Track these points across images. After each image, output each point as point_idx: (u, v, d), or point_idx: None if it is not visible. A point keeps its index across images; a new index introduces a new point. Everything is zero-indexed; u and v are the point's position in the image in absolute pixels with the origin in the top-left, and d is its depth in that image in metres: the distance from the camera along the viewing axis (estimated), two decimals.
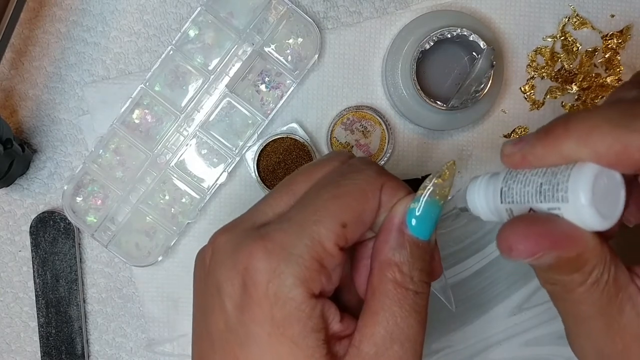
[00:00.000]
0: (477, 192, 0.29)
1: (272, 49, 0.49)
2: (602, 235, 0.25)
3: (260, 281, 0.27)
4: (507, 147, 0.27)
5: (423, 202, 0.29)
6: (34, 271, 0.49)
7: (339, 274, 0.29)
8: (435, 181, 0.29)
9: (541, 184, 0.25)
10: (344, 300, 0.32)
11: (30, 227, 0.49)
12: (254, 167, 0.49)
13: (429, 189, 0.29)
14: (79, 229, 0.50)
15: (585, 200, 0.24)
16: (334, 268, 0.28)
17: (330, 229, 0.27)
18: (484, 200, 0.29)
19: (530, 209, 0.26)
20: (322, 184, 0.29)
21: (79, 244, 0.50)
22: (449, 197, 0.30)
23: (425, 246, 0.29)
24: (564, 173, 0.25)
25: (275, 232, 0.28)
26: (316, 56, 0.49)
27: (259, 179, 0.49)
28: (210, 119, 0.49)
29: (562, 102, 0.51)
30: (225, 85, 0.48)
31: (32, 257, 0.49)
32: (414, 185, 0.30)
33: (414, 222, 0.28)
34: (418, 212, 0.28)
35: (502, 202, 0.28)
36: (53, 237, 0.49)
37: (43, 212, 0.49)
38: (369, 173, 0.29)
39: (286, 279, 0.27)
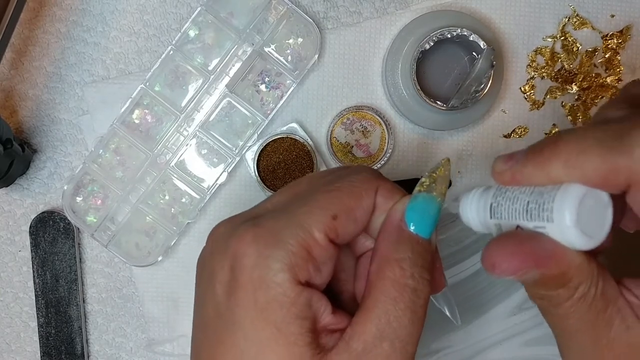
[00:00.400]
0: (470, 205, 0.30)
1: (272, 49, 0.49)
2: (590, 252, 0.26)
3: (246, 265, 0.27)
4: (498, 164, 0.28)
5: (420, 199, 0.29)
6: (33, 271, 0.49)
7: (330, 269, 0.29)
8: (431, 177, 0.29)
9: (528, 202, 0.26)
10: (344, 303, 0.32)
11: (30, 227, 0.49)
12: (254, 167, 0.49)
13: (426, 185, 0.29)
14: (78, 228, 0.50)
15: (569, 222, 0.24)
16: (324, 261, 0.28)
17: (320, 219, 0.28)
18: (475, 213, 0.29)
19: (518, 226, 0.27)
20: (319, 183, 0.30)
21: (79, 243, 0.50)
22: (451, 203, 0.30)
23: (426, 244, 0.29)
24: (550, 193, 0.25)
25: (267, 220, 0.28)
26: (316, 56, 0.49)
27: (259, 179, 0.49)
28: (210, 119, 0.49)
29: (562, 102, 0.51)
30: (225, 85, 0.48)
31: (32, 257, 0.49)
32: (413, 185, 0.30)
33: (413, 219, 0.29)
34: (416, 209, 0.29)
35: (491, 217, 0.28)
36: (53, 237, 0.49)
37: (43, 212, 0.49)
38: (364, 175, 0.30)
39: (272, 263, 0.27)
